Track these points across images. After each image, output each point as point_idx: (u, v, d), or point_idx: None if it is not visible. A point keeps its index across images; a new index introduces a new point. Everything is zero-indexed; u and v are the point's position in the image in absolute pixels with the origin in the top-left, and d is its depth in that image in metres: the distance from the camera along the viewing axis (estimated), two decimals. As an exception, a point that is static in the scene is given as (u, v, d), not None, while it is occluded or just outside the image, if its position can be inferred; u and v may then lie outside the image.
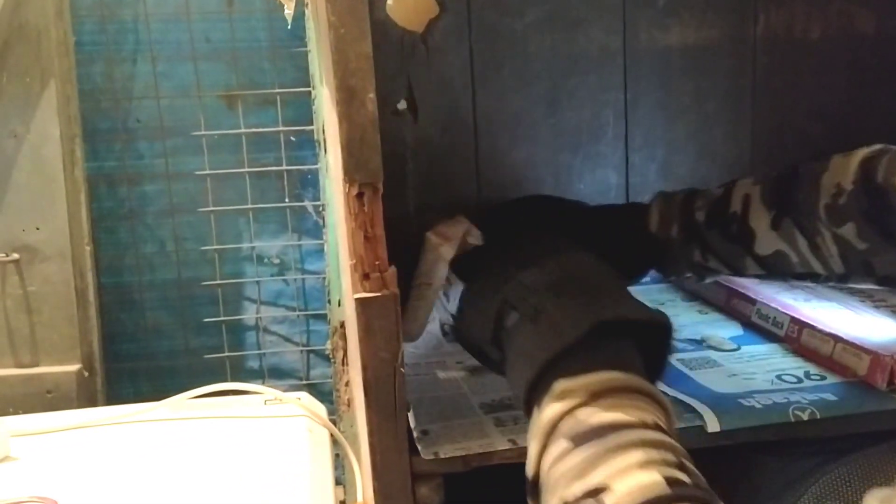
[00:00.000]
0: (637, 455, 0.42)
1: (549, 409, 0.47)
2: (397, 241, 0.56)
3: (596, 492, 0.42)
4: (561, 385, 0.48)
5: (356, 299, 0.54)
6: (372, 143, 0.53)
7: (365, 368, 0.55)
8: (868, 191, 0.64)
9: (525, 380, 0.50)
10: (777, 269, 0.73)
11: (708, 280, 0.81)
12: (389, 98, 0.92)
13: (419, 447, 0.59)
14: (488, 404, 0.66)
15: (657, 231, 0.79)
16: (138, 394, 1.17)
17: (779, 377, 0.69)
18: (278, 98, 1.13)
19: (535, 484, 0.47)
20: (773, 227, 0.70)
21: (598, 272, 0.59)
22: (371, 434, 0.56)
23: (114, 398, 1.13)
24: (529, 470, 0.48)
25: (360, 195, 0.54)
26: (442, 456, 0.58)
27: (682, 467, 0.43)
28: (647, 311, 0.54)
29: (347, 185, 0.54)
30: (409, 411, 0.61)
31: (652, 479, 0.41)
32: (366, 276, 0.55)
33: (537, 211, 0.85)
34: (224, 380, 1.15)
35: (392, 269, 0.56)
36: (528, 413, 0.51)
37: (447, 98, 0.95)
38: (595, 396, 0.47)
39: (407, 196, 0.96)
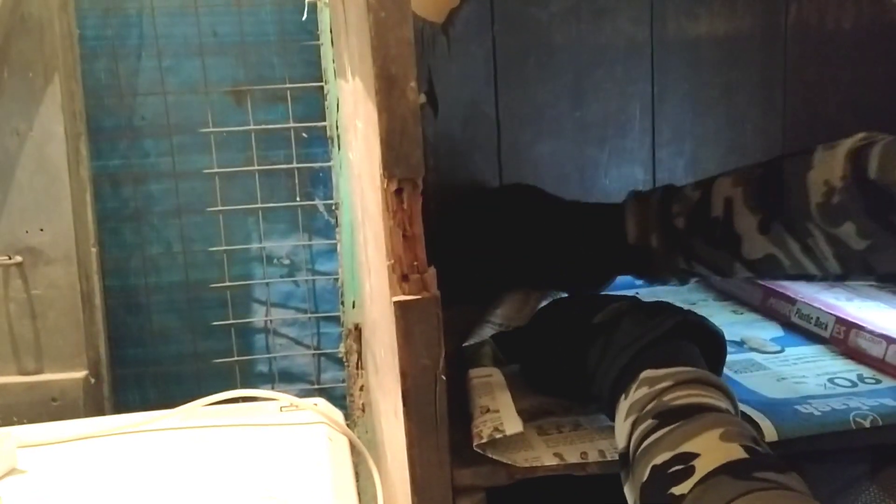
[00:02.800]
0: (718, 431, 0.48)
1: (639, 392, 0.53)
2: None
3: (685, 457, 0.47)
4: (647, 374, 0.54)
5: (395, 303, 0.51)
6: (413, 135, 0.49)
7: (404, 377, 0.52)
8: (862, 187, 0.60)
9: (617, 366, 0.57)
10: (767, 272, 0.71)
11: (692, 282, 0.81)
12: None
13: (474, 442, 0.56)
14: (527, 411, 0.63)
15: (635, 241, 0.76)
16: (145, 400, 1.13)
17: (831, 381, 0.66)
18: (288, 94, 1.09)
19: (626, 455, 0.52)
20: (761, 232, 0.67)
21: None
22: (410, 447, 0.53)
23: (120, 405, 1.09)
24: (620, 444, 0.53)
25: (398, 191, 0.51)
26: (489, 455, 0.55)
27: (756, 442, 0.48)
28: (710, 322, 0.61)
29: (386, 180, 0.50)
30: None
31: (733, 448, 0.46)
32: (405, 278, 0.51)
33: (520, 203, 0.84)
34: (233, 384, 1.11)
35: (432, 270, 0.52)
36: (613, 402, 0.56)
37: (469, 91, 0.92)
38: (677, 385, 0.52)
39: (427, 193, 0.92)
